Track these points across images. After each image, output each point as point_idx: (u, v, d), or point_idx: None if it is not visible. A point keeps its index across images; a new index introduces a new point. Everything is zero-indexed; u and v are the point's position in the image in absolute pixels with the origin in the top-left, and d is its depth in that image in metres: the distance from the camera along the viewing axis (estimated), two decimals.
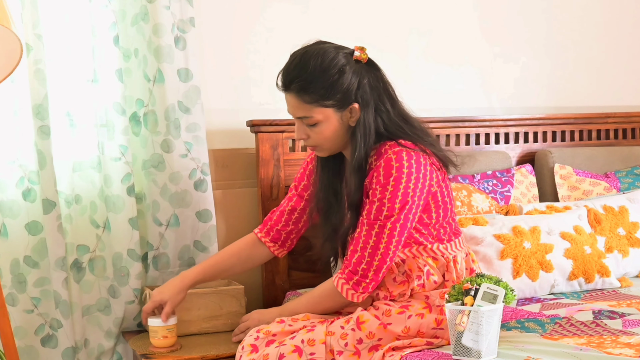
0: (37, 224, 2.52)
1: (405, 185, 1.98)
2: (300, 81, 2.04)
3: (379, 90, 2.08)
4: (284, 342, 1.99)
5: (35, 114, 2.48)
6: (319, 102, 2.04)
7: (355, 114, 2.06)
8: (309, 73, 2.03)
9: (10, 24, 2.03)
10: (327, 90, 2.02)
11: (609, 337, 2.00)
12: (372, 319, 2.03)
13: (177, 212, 2.71)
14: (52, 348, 2.56)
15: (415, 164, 2.00)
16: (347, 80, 2.03)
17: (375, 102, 2.06)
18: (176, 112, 2.68)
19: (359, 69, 2.06)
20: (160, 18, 2.62)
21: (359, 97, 2.04)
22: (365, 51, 2.08)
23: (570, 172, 3.04)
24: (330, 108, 2.05)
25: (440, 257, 2.08)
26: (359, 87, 2.04)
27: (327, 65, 2.03)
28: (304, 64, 2.05)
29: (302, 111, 2.07)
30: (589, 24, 3.46)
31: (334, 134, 2.08)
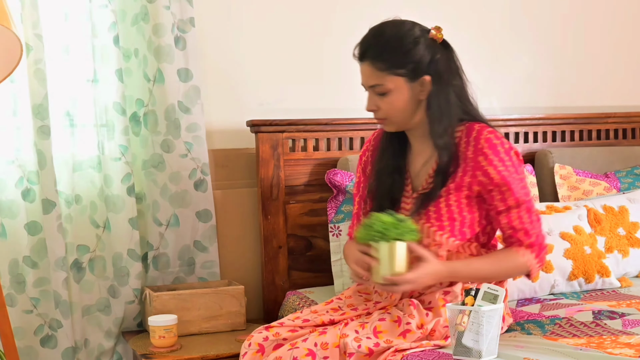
0: (37, 224, 2.52)
1: (516, 156, 2.06)
2: (375, 48, 2.07)
3: (451, 69, 2.11)
4: (297, 345, 1.96)
5: (35, 114, 2.49)
6: (391, 69, 2.05)
7: (427, 87, 2.06)
8: (384, 40, 2.07)
9: (10, 24, 2.03)
10: (400, 58, 2.05)
11: (609, 337, 2.00)
12: (390, 329, 2.00)
13: (177, 212, 2.71)
14: (52, 348, 2.56)
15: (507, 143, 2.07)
16: (420, 52, 2.05)
17: (449, 79, 2.09)
18: (176, 112, 2.68)
19: (433, 45, 2.09)
20: (160, 18, 2.62)
21: (432, 70, 2.06)
22: (441, 31, 2.11)
23: (570, 172, 3.04)
24: (402, 77, 2.05)
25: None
26: (431, 61, 2.06)
27: (402, 34, 2.07)
28: (381, 32, 2.10)
29: (374, 79, 2.08)
30: (589, 24, 3.46)
31: (404, 105, 2.08)
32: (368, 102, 2.11)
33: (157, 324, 2.42)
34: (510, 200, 2.04)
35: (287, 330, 2.05)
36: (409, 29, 2.08)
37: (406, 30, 2.08)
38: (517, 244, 2.06)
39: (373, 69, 2.07)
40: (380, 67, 2.05)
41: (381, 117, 2.11)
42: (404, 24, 2.11)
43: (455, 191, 2.05)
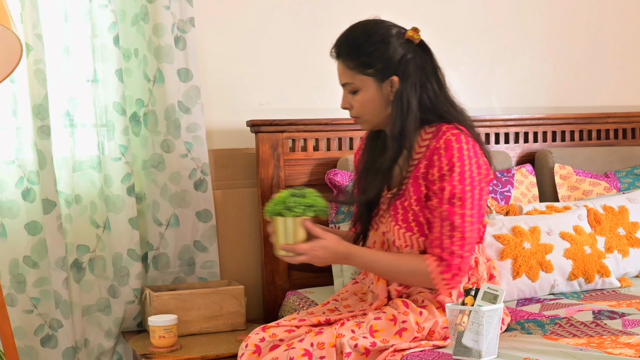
0: (37, 224, 2.52)
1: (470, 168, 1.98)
2: (345, 46, 2.09)
3: (426, 71, 2.09)
4: (293, 346, 1.97)
5: (35, 114, 2.49)
6: (360, 69, 2.06)
7: (395, 87, 2.06)
8: (353, 39, 2.08)
9: (10, 24, 2.03)
10: (368, 58, 2.05)
11: (609, 337, 2.00)
12: (387, 327, 2.01)
13: (177, 212, 2.71)
14: (52, 348, 2.56)
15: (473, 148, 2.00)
16: (390, 52, 2.05)
17: (421, 80, 2.07)
18: (176, 112, 2.68)
19: (407, 45, 2.08)
20: (160, 18, 2.62)
21: (400, 71, 2.05)
22: (418, 32, 2.11)
23: (570, 172, 3.04)
24: (371, 77, 2.06)
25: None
26: (401, 61, 2.05)
27: (371, 34, 2.07)
28: (353, 31, 2.11)
29: (345, 77, 2.10)
30: (589, 24, 3.46)
31: (373, 105, 2.09)
32: (342, 100, 2.14)
33: (157, 324, 2.41)
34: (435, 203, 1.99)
35: (284, 330, 2.06)
36: (380, 28, 2.08)
37: (376, 30, 2.08)
38: (429, 251, 2.02)
39: (344, 67, 2.09)
40: (350, 65, 2.08)
41: (354, 115, 2.14)
42: (378, 23, 2.11)
43: (415, 191, 2.04)
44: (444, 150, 1.98)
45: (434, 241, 2.00)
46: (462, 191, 1.97)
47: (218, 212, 2.83)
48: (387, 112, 2.09)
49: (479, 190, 2.00)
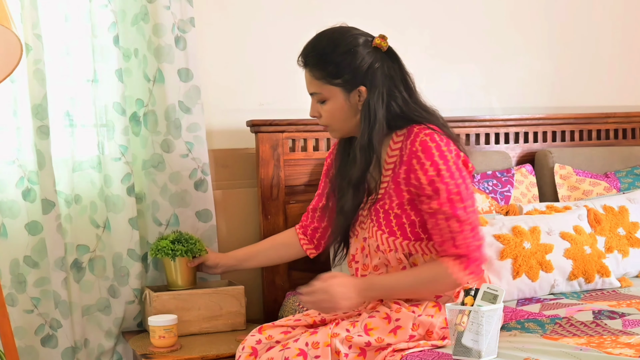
0: (37, 224, 2.52)
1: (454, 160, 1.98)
2: (312, 56, 2.08)
3: (394, 79, 2.08)
4: (288, 346, 1.98)
5: (34, 114, 2.49)
6: (327, 79, 2.06)
7: (363, 97, 2.06)
8: (320, 49, 2.07)
9: (10, 24, 2.03)
10: (336, 68, 2.04)
11: (609, 337, 2.00)
12: (381, 325, 2.01)
13: (177, 212, 2.71)
14: (52, 348, 2.56)
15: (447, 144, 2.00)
16: (357, 62, 2.04)
17: (389, 88, 2.06)
18: (176, 112, 2.68)
19: (374, 54, 2.07)
20: (160, 18, 2.62)
21: (367, 81, 2.05)
22: (386, 40, 2.09)
23: (570, 172, 3.04)
24: (338, 87, 2.06)
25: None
26: (368, 71, 2.04)
27: (338, 44, 2.05)
28: (319, 40, 2.09)
29: (313, 87, 2.10)
30: (589, 24, 3.46)
31: (341, 114, 2.08)
32: (311, 109, 2.14)
33: (157, 324, 2.41)
34: (435, 205, 1.97)
35: (280, 332, 2.07)
36: (347, 38, 2.07)
37: (343, 40, 2.06)
38: (443, 254, 2.00)
39: (312, 77, 2.09)
40: (317, 76, 2.07)
41: (323, 123, 2.14)
42: (344, 32, 2.09)
43: (397, 196, 2.04)
44: (422, 152, 1.98)
45: (445, 242, 1.99)
46: (456, 185, 1.97)
47: (218, 212, 2.83)
48: (356, 120, 2.09)
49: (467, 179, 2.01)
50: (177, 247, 2.51)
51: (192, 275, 2.59)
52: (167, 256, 2.52)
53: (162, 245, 2.52)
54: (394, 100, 2.06)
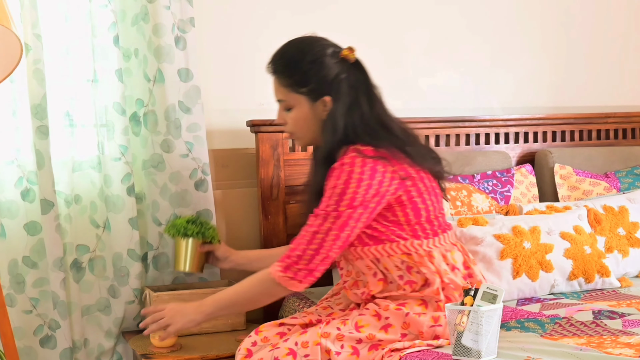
0: (36, 224, 2.52)
1: (353, 191, 1.98)
2: (280, 64, 2.12)
3: (357, 90, 2.10)
4: (278, 346, 1.99)
5: (33, 114, 2.48)
6: (293, 87, 2.10)
7: (328, 107, 2.08)
8: (288, 57, 2.11)
9: (10, 24, 2.03)
10: (302, 77, 2.08)
11: (608, 337, 2.00)
12: (372, 322, 2.03)
13: (177, 212, 2.71)
14: (51, 349, 2.56)
15: (369, 171, 2.00)
16: (323, 72, 2.07)
17: (352, 100, 2.08)
18: (176, 112, 2.68)
19: (341, 65, 2.09)
20: (160, 18, 2.62)
21: (332, 91, 2.07)
22: (354, 52, 2.12)
23: (570, 172, 3.04)
24: (304, 96, 2.09)
25: (413, 253, 2.07)
26: (334, 81, 2.07)
27: (306, 53, 2.09)
28: (287, 49, 2.14)
29: (279, 94, 2.14)
30: (589, 24, 3.46)
31: (306, 123, 2.12)
32: (277, 116, 2.18)
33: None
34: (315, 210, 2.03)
35: (275, 333, 2.09)
36: (314, 47, 2.10)
37: (311, 49, 2.09)
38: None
39: (278, 84, 2.13)
40: (283, 83, 2.11)
41: (288, 131, 2.18)
42: (313, 42, 2.12)
43: None
44: (336, 170, 2.01)
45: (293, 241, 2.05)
46: (336, 208, 1.99)
47: (218, 212, 2.83)
48: (320, 130, 2.11)
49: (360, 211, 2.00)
50: (191, 227, 2.52)
51: (200, 261, 2.57)
52: (179, 234, 2.52)
53: (177, 223, 2.54)
54: (355, 113, 2.08)
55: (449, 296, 2.05)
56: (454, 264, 2.12)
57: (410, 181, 2.07)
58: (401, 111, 3.08)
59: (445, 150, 3.01)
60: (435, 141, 3.04)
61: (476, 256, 2.47)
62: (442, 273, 2.07)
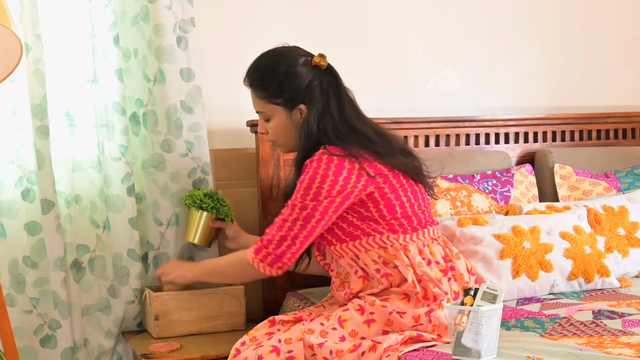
0: (36, 224, 2.52)
1: (318, 186, 2.08)
2: (254, 77, 2.21)
3: (329, 95, 2.17)
4: (262, 344, 2.02)
5: (33, 114, 2.48)
6: (269, 99, 2.19)
7: (304, 114, 2.17)
8: (260, 71, 2.21)
9: (10, 24, 2.03)
10: (276, 88, 2.17)
11: (608, 337, 2.01)
12: (355, 316, 2.07)
13: (177, 212, 2.71)
14: (52, 349, 2.56)
15: (335, 168, 2.08)
16: (296, 82, 2.16)
17: (324, 105, 2.16)
18: (178, 112, 2.68)
19: (313, 72, 2.18)
20: (161, 18, 2.62)
21: (307, 99, 2.16)
22: (325, 58, 2.20)
23: (570, 172, 3.04)
24: (280, 106, 2.19)
25: (389, 247, 2.12)
26: (307, 89, 2.16)
27: (279, 64, 2.18)
28: (259, 62, 2.23)
29: (257, 106, 2.24)
30: (588, 24, 3.46)
31: (285, 132, 2.21)
32: (259, 126, 2.29)
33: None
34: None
35: (264, 333, 2.12)
36: (285, 58, 2.19)
37: (282, 60, 2.18)
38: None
39: (255, 97, 2.23)
40: (260, 95, 2.21)
41: (270, 139, 2.28)
42: (284, 53, 2.21)
43: None
44: (306, 167, 2.11)
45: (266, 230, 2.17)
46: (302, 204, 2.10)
47: None
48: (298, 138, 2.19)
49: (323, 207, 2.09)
50: (207, 201, 2.58)
51: (210, 235, 2.63)
52: (194, 205, 2.58)
53: (195, 194, 2.60)
54: (325, 117, 2.16)
55: (425, 288, 2.10)
56: (430, 257, 2.16)
57: (382, 178, 2.13)
58: (401, 111, 3.11)
59: (445, 150, 3.02)
60: (435, 141, 3.04)
61: (476, 256, 2.48)
62: (415, 266, 2.11)
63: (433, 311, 2.06)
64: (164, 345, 2.44)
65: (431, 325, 2.04)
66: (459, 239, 2.51)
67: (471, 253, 2.48)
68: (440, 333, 2.06)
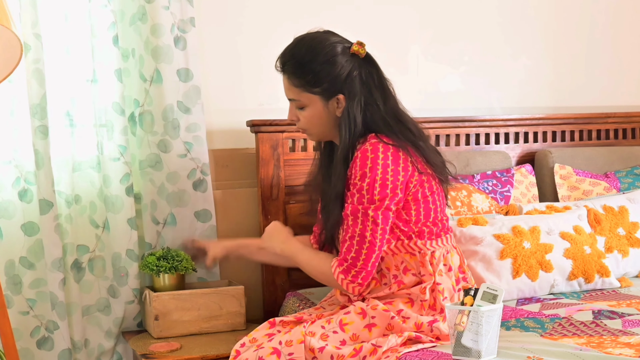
0: (34, 224, 2.51)
1: (382, 176, 2.01)
2: (291, 65, 2.11)
3: (370, 85, 2.10)
4: (262, 346, 2.00)
5: (32, 114, 2.48)
6: (306, 87, 2.10)
7: (342, 104, 2.09)
8: (299, 58, 2.10)
9: (10, 24, 2.03)
10: (315, 77, 2.08)
11: (608, 337, 2.00)
12: (356, 320, 2.04)
13: (174, 212, 2.71)
14: (48, 350, 2.55)
15: (392, 157, 2.02)
16: (336, 71, 2.07)
17: (365, 96, 2.09)
18: (174, 112, 2.67)
19: (352, 61, 2.09)
20: (158, 18, 2.62)
21: (345, 89, 2.08)
22: (364, 46, 2.11)
23: (570, 172, 3.04)
24: (317, 95, 2.10)
25: (416, 253, 2.08)
26: (347, 79, 2.08)
27: (318, 53, 2.08)
28: (298, 48, 2.12)
29: (292, 93, 2.14)
30: (589, 24, 3.46)
31: (320, 121, 2.13)
32: (289, 113, 2.18)
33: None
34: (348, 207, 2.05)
35: (264, 335, 2.09)
36: (326, 46, 2.09)
37: (322, 48, 2.09)
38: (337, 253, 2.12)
39: (290, 84, 2.12)
40: (295, 83, 2.11)
41: (301, 127, 2.18)
42: (322, 41, 2.11)
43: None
44: (359, 159, 2.02)
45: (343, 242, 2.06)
46: (370, 201, 2.01)
47: (218, 212, 2.83)
48: (334, 125, 2.13)
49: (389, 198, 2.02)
50: (163, 264, 2.56)
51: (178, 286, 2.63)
52: (153, 272, 2.57)
53: (149, 260, 2.58)
54: (370, 107, 2.09)
55: (436, 298, 2.06)
56: (451, 264, 2.13)
57: (426, 177, 2.09)
58: None
59: (445, 150, 3.01)
60: (435, 141, 3.03)
61: (476, 256, 2.48)
62: (436, 274, 2.08)
63: (436, 322, 2.02)
64: (164, 345, 2.44)
65: (432, 335, 2.03)
66: (459, 239, 2.51)
67: (471, 253, 2.48)
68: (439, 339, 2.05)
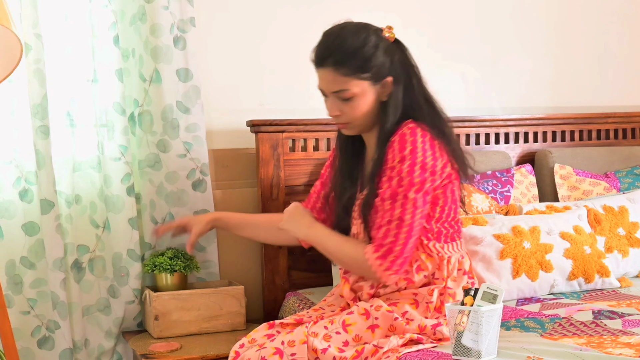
0: (34, 224, 2.51)
1: (422, 159, 2.00)
2: (338, 55, 2.08)
3: (407, 68, 2.13)
4: (265, 345, 2.00)
5: (33, 114, 2.48)
6: (357, 74, 2.07)
7: (388, 88, 2.10)
8: (349, 45, 2.08)
9: (10, 24, 2.03)
10: (365, 63, 2.07)
11: (608, 337, 2.00)
12: (359, 321, 2.03)
13: (173, 212, 2.71)
14: (49, 350, 2.55)
15: (430, 142, 2.02)
16: (382, 55, 2.08)
17: (405, 79, 2.11)
18: (174, 112, 2.67)
19: (389, 45, 2.12)
20: (158, 18, 2.62)
21: (393, 72, 2.09)
22: (392, 30, 2.14)
23: (570, 172, 3.04)
24: (367, 81, 2.08)
25: (435, 255, 2.08)
26: (392, 63, 2.10)
27: (366, 38, 2.08)
28: (343, 38, 2.09)
29: (338, 84, 2.09)
30: (589, 24, 3.46)
31: (368, 108, 2.10)
32: (331, 108, 2.14)
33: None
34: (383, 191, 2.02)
35: (263, 335, 2.09)
36: (371, 31, 2.11)
37: (369, 34, 2.10)
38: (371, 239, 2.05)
39: (336, 74, 2.08)
40: (344, 72, 2.07)
41: (344, 121, 2.14)
42: (365, 26, 2.13)
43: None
44: (397, 143, 2.02)
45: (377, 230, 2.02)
46: (410, 183, 1.99)
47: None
48: (377, 113, 2.11)
49: (430, 181, 2.01)
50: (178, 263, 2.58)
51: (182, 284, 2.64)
52: (167, 271, 2.58)
53: (159, 261, 2.58)
54: (411, 91, 2.11)
55: (443, 302, 2.05)
56: (465, 268, 2.13)
57: (454, 173, 2.09)
58: None
59: None
60: None
61: (476, 256, 2.48)
62: (449, 279, 2.07)
63: (440, 325, 2.02)
64: (164, 345, 2.45)
65: (434, 337, 2.03)
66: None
67: (471, 253, 2.48)
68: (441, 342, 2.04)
